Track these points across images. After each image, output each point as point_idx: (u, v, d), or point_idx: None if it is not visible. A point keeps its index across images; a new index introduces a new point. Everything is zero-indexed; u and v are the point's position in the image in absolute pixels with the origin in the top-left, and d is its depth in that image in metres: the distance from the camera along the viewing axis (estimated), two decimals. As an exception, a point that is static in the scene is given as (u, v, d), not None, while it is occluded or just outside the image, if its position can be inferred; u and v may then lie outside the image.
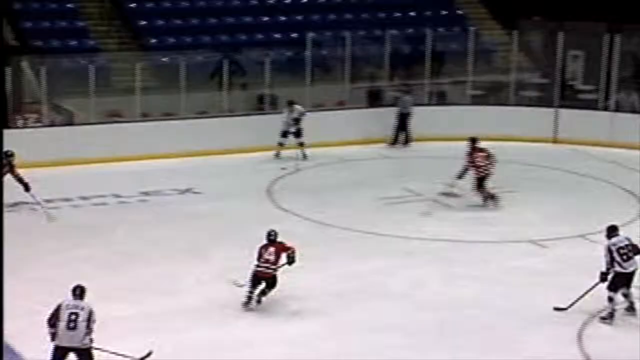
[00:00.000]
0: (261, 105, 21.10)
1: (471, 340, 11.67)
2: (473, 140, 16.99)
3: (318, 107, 20.55)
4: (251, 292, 12.16)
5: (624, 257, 12.00)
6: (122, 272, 13.37)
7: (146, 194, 17.31)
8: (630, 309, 12.25)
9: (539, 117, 21.26)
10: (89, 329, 9.77)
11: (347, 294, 12.90)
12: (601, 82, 21.28)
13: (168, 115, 20.04)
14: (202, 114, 20.40)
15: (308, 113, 19.76)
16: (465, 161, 16.79)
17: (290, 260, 12.28)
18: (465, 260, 14.33)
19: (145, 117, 19.78)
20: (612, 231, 12.29)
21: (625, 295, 12.19)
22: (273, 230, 12.36)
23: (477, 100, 21.89)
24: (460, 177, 16.79)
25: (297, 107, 19.72)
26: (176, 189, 17.60)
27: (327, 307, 12.52)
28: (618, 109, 21.15)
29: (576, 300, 12.17)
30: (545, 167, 19.43)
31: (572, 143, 20.77)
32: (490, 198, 16.77)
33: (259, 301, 12.17)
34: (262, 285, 12.14)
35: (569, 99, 21.69)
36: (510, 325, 12.09)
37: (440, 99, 22.34)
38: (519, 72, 22.10)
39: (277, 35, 22.74)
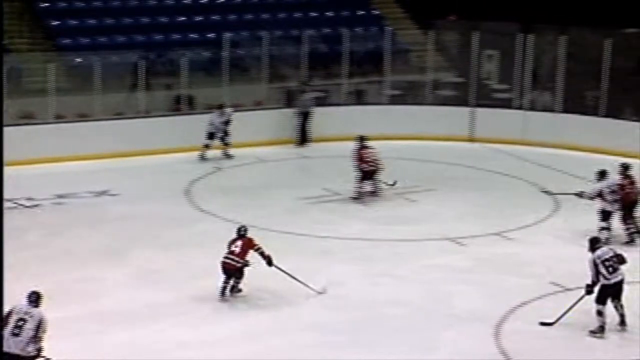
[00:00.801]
0: (178, 106, 20.91)
1: (389, 339, 11.71)
2: (361, 139, 17.23)
3: (236, 107, 20.45)
4: (226, 283, 12.46)
5: (610, 269, 11.81)
6: (40, 277, 13.08)
7: (61, 196, 17.01)
8: (622, 323, 12.02)
9: (455, 116, 21.49)
10: (35, 338, 9.49)
11: (265, 294, 12.84)
12: (515, 81, 21.61)
13: (83, 117, 19.72)
14: (119, 115, 20.13)
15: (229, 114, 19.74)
16: (354, 158, 16.94)
17: (267, 261, 12.58)
18: (383, 258, 14.39)
19: (59, 118, 19.44)
20: (595, 243, 12.07)
21: (616, 308, 12.00)
22: (243, 226, 12.76)
23: (394, 100, 22.03)
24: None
25: (228, 110, 19.67)
26: (92, 192, 17.33)
27: (244, 308, 12.46)
28: (532, 107, 21.49)
29: (562, 315, 11.95)
30: (461, 166, 19.65)
31: (488, 141, 21.05)
32: (372, 193, 16.98)
33: (231, 291, 12.53)
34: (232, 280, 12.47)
35: (484, 97, 21.98)
36: (429, 323, 12.17)
37: (358, 98, 22.43)
38: (435, 71, 22.32)
39: (194, 36, 22.56)
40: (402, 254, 14.59)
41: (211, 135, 19.55)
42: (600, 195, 15.07)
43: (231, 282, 12.53)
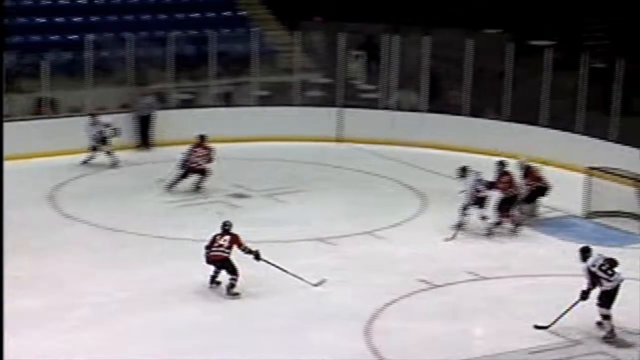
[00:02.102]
0: (40, 109, 20.32)
1: (261, 340, 11.66)
2: (202, 137, 17.48)
3: (101, 109, 20.00)
4: (216, 273, 12.93)
5: (608, 272, 11.85)
6: None
7: None
8: (611, 333, 11.90)
9: (323, 117, 21.57)
10: None
11: (137, 300, 12.62)
12: (382, 82, 21.85)
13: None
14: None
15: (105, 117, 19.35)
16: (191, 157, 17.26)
17: (255, 256, 13.05)
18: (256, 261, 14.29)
19: None
20: (586, 252, 12.06)
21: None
22: (228, 221, 13.15)
23: (262, 101, 21.97)
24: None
25: (102, 119, 19.24)
26: (-50, 199, 16.62)
27: (117, 313, 12.21)
28: (398, 107, 21.76)
29: (557, 319, 11.94)
30: (330, 166, 19.72)
31: (356, 141, 21.21)
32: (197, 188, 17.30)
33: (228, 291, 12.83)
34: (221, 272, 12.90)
35: (352, 98, 22.13)
36: (300, 323, 12.16)
37: (226, 100, 22.27)
38: (302, 72, 22.35)
39: (54, 37, 21.95)
40: (273, 255, 14.50)
41: (94, 147, 19.13)
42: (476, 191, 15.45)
43: (221, 272, 12.86)
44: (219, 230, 13.12)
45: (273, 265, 13.15)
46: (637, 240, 15.54)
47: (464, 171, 15.65)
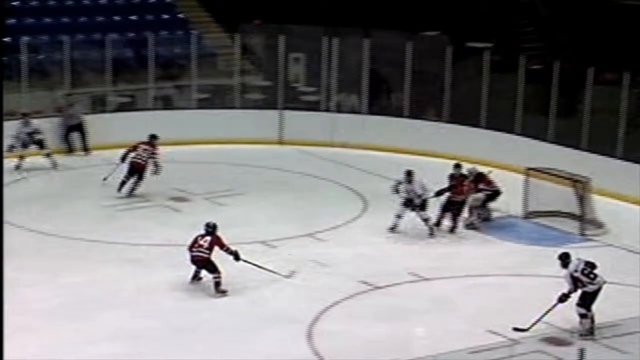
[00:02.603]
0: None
1: (202, 344, 11.57)
2: (153, 137, 17.41)
3: (37, 113, 19.67)
4: (197, 271, 13.25)
5: (590, 275, 11.96)
6: None
7: None
8: (590, 331, 12.06)
9: (264, 119, 21.50)
10: None
11: (73, 306, 12.45)
12: (322, 84, 21.85)
13: None
14: None
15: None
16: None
17: (234, 257, 13.31)
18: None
19: None
20: (566, 259, 12.13)
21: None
22: (211, 222, 13.39)
23: (202, 104, 21.82)
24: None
25: (34, 121, 18.92)
26: None
27: (51, 320, 12.01)
28: (339, 109, 21.78)
29: (536, 322, 11.94)
30: (271, 168, 19.66)
31: (297, 144, 21.16)
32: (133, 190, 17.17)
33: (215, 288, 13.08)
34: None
35: (293, 100, 22.09)
36: (242, 326, 12.10)
37: (166, 103, 22.09)
38: (242, 75, 22.25)
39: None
40: (216, 258, 14.40)
41: (24, 145, 18.77)
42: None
43: (202, 272, 13.17)
44: (201, 232, 13.27)
45: (253, 264, 13.36)
46: (575, 240, 15.72)
47: (409, 175, 15.68)
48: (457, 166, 16.16)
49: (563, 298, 12.01)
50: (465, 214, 15.93)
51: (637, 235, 15.61)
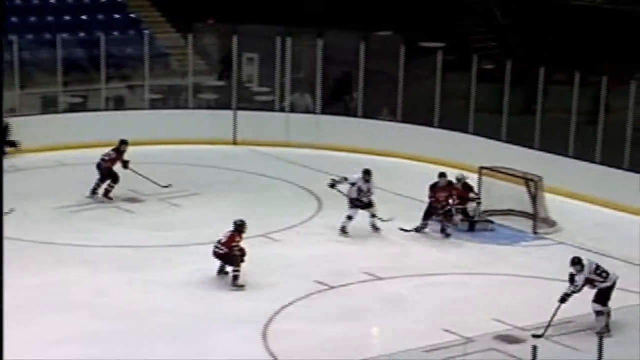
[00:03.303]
0: None
1: (158, 345, 11.49)
2: (124, 142, 17.22)
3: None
4: (222, 265, 13.61)
5: (603, 274, 12.12)
6: None
7: None
8: (607, 327, 12.13)
9: (218, 120, 21.39)
10: None
11: (26, 309, 12.25)
12: (276, 84, 21.80)
13: None
14: None
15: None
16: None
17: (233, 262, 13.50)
18: (150, 265, 14.11)
19: None
20: (580, 263, 12.17)
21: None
22: (239, 220, 13.67)
23: (155, 105, 21.68)
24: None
25: None
26: None
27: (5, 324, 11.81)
28: (293, 109, 21.74)
29: (548, 327, 11.90)
30: (226, 169, 19.57)
31: (251, 144, 21.10)
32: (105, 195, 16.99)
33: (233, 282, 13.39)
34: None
35: (246, 101, 22.02)
36: (198, 328, 12.02)
37: (118, 104, 21.90)
38: (196, 75, 22.12)
39: None
40: (169, 260, 14.35)
41: None
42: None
43: (226, 268, 13.55)
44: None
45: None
46: (528, 238, 15.85)
47: (368, 174, 15.66)
48: (442, 175, 15.96)
49: (565, 298, 12.07)
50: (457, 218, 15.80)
51: (589, 233, 15.78)
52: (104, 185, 16.99)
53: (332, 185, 15.93)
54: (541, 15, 23.36)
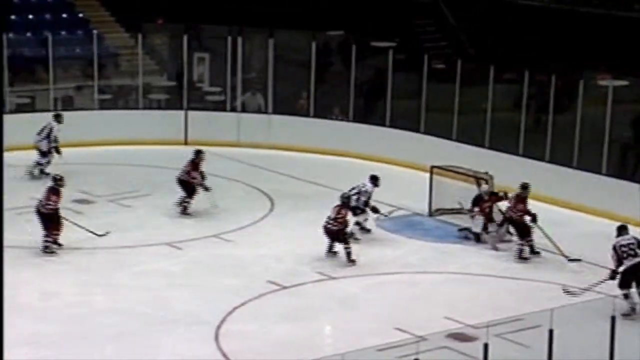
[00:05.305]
0: None
1: (109, 347, 11.40)
2: (199, 151, 16.98)
3: None
4: (331, 244, 14.16)
5: (625, 254, 12.39)
6: None
7: None
8: (632, 310, 12.50)
9: (169, 120, 21.23)
10: None
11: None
12: (227, 84, 21.69)
13: None
14: None
15: None
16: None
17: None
18: (100, 267, 13.98)
19: None
20: (621, 230, 12.71)
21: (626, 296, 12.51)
22: (345, 192, 14.20)
23: (105, 105, 21.45)
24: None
25: None
26: None
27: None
28: (244, 109, 21.66)
29: (587, 289, 12.55)
30: (177, 169, 19.34)
31: (203, 144, 20.88)
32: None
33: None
34: None
35: (197, 101, 21.89)
36: (148, 330, 11.95)
37: (66, 104, 21.65)
38: (145, 75, 21.93)
39: None
40: (118, 261, 14.21)
41: None
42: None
43: (335, 247, 14.05)
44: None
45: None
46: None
47: (376, 179, 15.60)
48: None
49: (612, 274, 12.61)
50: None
51: (540, 231, 15.88)
52: (192, 200, 16.46)
53: (375, 211, 15.60)
54: (491, 15, 23.51)
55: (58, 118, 18.41)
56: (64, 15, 23.51)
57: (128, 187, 17.69)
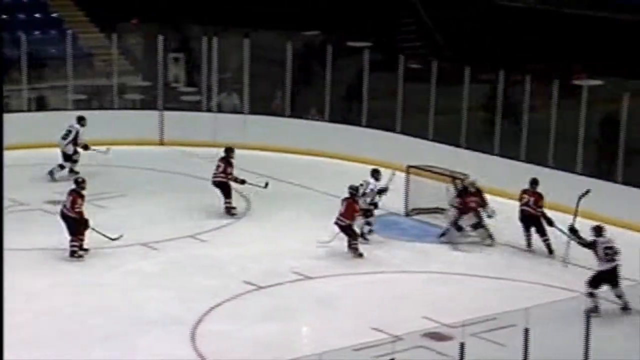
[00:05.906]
0: None
1: (83, 350, 11.34)
2: (229, 149, 16.95)
3: None
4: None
5: (608, 256, 12.40)
6: None
7: None
8: (626, 308, 12.53)
9: (144, 120, 21.15)
10: None
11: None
12: (203, 84, 21.63)
13: None
14: None
15: None
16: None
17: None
18: (76, 268, 13.88)
19: None
20: (601, 231, 12.78)
21: (619, 296, 12.51)
22: (354, 185, 14.46)
23: (79, 105, 21.31)
24: None
25: None
26: None
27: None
28: (220, 109, 21.61)
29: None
30: (152, 170, 19.35)
31: (179, 144, 20.90)
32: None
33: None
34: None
35: (173, 101, 21.82)
36: (124, 331, 11.92)
37: (40, 104, 21.51)
38: (120, 75, 21.83)
39: None
40: (95, 262, 14.12)
41: None
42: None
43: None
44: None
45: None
46: (454, 235, 15.93)
47: (377, 173, 15.64)
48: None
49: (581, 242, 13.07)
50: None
51: (517, 230, 15.92)
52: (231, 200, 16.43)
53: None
54: (467, 15, 23.59)
55: (81, 121, 18.33)
56: (38, 15, 23.38)
57: (104, 188, 17.58)
